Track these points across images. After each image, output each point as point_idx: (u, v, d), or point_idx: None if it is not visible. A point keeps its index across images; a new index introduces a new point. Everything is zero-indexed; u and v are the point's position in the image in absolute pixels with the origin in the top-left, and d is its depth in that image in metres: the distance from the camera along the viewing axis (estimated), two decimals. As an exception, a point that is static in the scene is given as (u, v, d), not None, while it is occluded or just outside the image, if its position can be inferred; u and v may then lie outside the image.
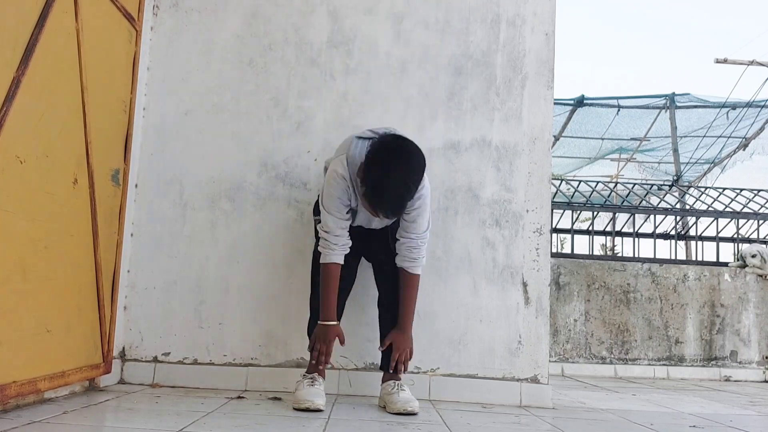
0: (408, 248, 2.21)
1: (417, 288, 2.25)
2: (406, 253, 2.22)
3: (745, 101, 8.74)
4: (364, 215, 2.20)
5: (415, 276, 2.23)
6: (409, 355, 2.24)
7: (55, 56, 1.87)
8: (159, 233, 2.57)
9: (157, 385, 2.45)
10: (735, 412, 2.82)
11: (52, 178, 1.89)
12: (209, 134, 2.62)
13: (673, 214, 5.81)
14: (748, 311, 4.91)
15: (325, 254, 2.18)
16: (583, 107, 9.19)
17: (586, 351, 4.70)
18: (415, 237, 2.20)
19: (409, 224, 2.19)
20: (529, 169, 2.63)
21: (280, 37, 2.67)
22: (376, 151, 2.02)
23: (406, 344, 2.24)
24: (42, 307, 1.86)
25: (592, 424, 2.23)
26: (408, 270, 2.23)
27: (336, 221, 2.16)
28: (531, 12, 2.70)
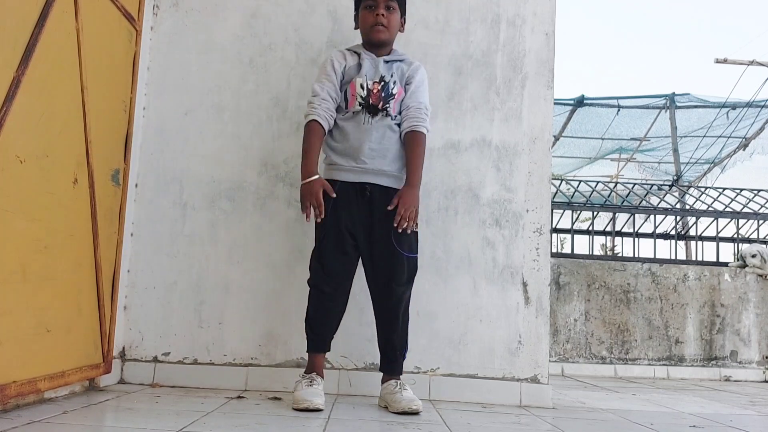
0: (417, 110, 2.28)
1: (423, 146, 2.29)
2: (415, 113, 2.28)
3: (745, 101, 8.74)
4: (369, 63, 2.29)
5: (421, 134, 2.28)
6: (414, 214, 2.23)
7: (55, 56, 1.87)
8: (159, 233, 2.57)
9: (157, 385, 2.45)
10: (735, 412, 2.82)
11: (52, 178, 1.89)
12: (209, 134, 2.62)
13: (673, 214, 5.81)
14: (748, 311, 4.91)
15: (309, 114, 2.26)
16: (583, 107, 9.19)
17: (586, 351, 4.70)
18: (421, 101, 2.30)
19: (413, 92, 2.30)
20: (529, 169, 2.63)
21: (280, 37, 2.67)
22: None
23: (413, 201, 2.23)
24: (42, 307, 1.86)
25: (592, 424, 2.23)
26: (416, 128, 2.27)
27: (322, 86, 2.28)
28: (531, 12, 2.70)
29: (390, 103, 2.27)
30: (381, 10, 2.28)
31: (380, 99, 2.26)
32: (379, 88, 2.26)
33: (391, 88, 2.27)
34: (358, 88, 2.26)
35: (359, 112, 2.26)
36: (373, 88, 2.26)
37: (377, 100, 2.26)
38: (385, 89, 2.27)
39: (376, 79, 2.28)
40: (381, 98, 2.26)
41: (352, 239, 2.25)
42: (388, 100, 2.26)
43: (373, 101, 2.25)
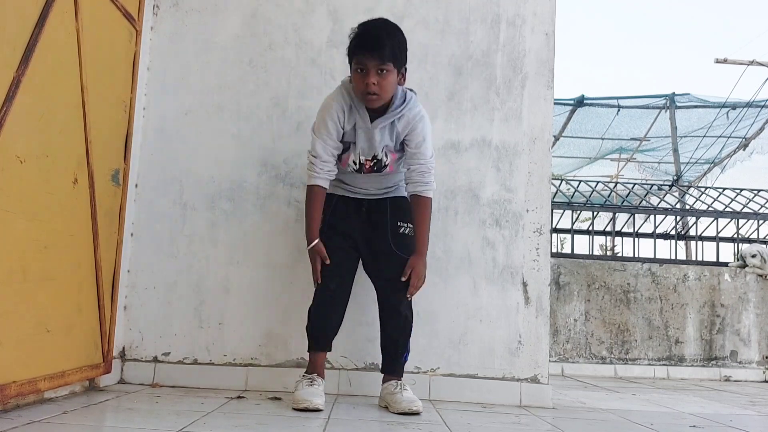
0: (419, 173, 2.25)
1: (430, 211, 2.30)
2: (418, 178, 2.26)
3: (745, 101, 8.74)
4: (363, 136, 2.23)
5: (428, 199, 2.28)
6: (423, 281, 2.29)
7: (55, 56, 1.87)
8: (159, 233, 2.57)
9: (157, 385, 2.45)
10: (735, 412, 2.82)
11: (52, 178, 1.89)
12: (209, 134, 2.62)
13: (673, 214, 5.81)
14: (748, 311, 4.91)
15: (311, 177, 2.26)
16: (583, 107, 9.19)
17: (586, 351, 4.70)
18: (423, 162, 2.25)
19: (415, 152, 2.24)
20: (529, 169, 2.63)
21: (280, 37, 2.67)
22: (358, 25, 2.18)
23: (424, 270, 2.28)
24: (42, 307, 1.86)
25: (592, 424, 2.23)
26: (421, 194, 2.26)
27: (324, 147, 2.23)
28: (531, 12, 2.70)
29: (383, 171, 2.30)
30: (372, 79, 2.09)
31: (372, 170, 2.29)
32: (372, 164, 2.28)
33: (383, 162, 2.28)
34: (351, 162, 2.28)
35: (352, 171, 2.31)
36: (365, 163, 2.28)
37: (369, 170, 2.29)
38: (377, 164, 2.28)
39: (368, 157, 2.27)
40: (373, 170, 2.29)
41: (352, 240, 2.28)
42: (381, 170, 2.30)
43: (365, 171, 2.30)
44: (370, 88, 2.10)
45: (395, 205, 2.33)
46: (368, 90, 2.10)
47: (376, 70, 2.09)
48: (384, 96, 2.15)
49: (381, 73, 2.10)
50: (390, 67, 2.11)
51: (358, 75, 2.12)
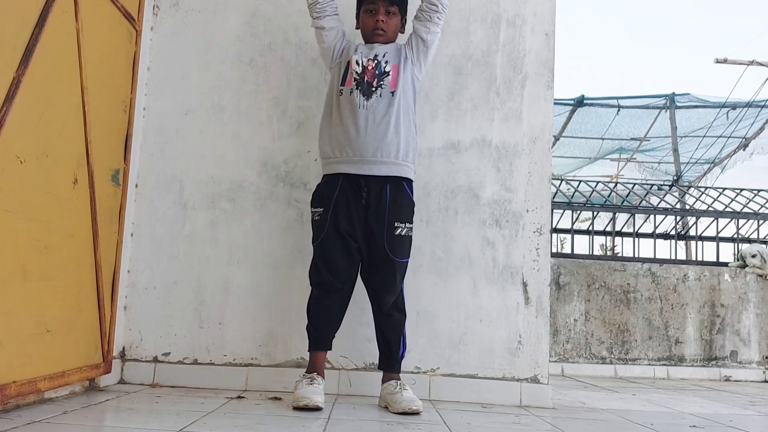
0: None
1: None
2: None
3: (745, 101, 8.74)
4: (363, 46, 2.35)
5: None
6: None
7: (55, 56, 1.87)
8: (159, 233, 2.57)
9: (157, 385, 2.45)
10: (735, 412, 2.82)
11: (52, 178, 1.89)
12: (209, 134, 2.62)
13: (673, 214, 5.81)
14: (748, 311, 4.91)
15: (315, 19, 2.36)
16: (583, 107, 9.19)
17: (586, 351, 4.70)
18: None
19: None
20: (529, 169, 2.63)
21: (280, 37, 2.67)
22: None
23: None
24: (42, 307, 1.86)
25: (592, 424, 2.23)
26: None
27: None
28: (531, 12, 2.70)
29: (384, 80, 2.28)
30: (381, 16, 2.34)
31: (374, 76, 2.29)
32: (373, 65, 2.30)
33: (383, 67, 2.30)
34: (354, 64, 2.30)
35: (354, 91, 2.27)
36: (368, 65, 2.30)
37: (371, 77, 2.28)
38: (378, 68, 2.29)
39: (370, 56, 2.32)
40: (375, 75, 2.29)
41: (354, 242, 2.26)
42: (382, 77, 2.28)
43: (367, 78, 2.28)
44: (379, 24, 2.34)
45: (395, 201, 2.26)
46: (377, 26, 2.34)
47: (385, 10, 2.35)
48: (389, 35, 2.38)
49: (388, 14, 2.36)
50: (396, 11, 2.38)
51: (368, 15, 2.37)
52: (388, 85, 2.27)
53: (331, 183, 2.27)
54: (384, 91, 2.26)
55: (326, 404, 2.17)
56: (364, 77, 2.27)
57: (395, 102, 2.26)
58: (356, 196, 2.25)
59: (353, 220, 2.25)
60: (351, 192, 2.25)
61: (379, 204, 2.25)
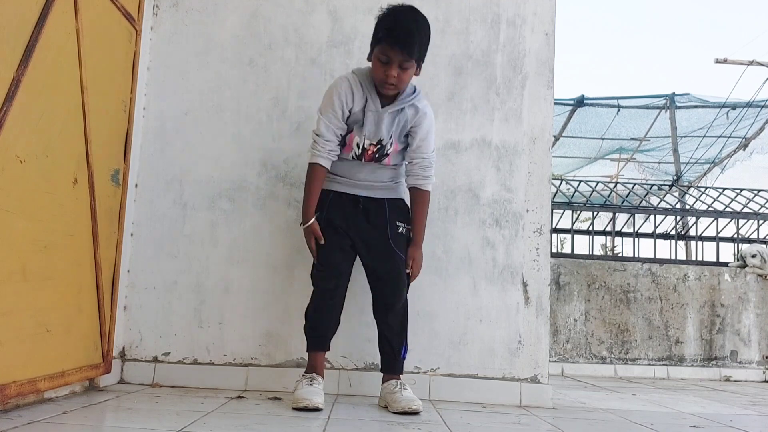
0: (421, 167, 2.30)
1: (428, 204, 2.36)
2: (419, 171, 2.30)
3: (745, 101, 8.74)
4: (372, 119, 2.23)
5: (427, 192, 2.33)
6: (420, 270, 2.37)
7: (55, 56, 1.87)
8: (159, 233, 2.57)
9: (157, 385, 2.45)
10: (735, 412, 2.82)
11: (52, 178, 1.89)
12: (209, 134, 2.62)
13: (673, 214, 5.81)
14: (748, 311, 4.91)
15: (313, 155, 2.25)
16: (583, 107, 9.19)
17: (586, 351, 4.70)
18: (426, 156, 2.30)
19: (419, 145, 2.28)
20: (529, 169, 2.63)
21: (280, 37, 2.67)
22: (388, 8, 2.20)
23: (421, 259, 2.36)
24: (42, 307, 1.86)
25: (592, 424, 2.23)
26: (421, 187, 2.31)
27: (328, 126, 2.23)
28: (531, 12, 2.70)
29: (382, 161, 2.30)
30: (393, 71, 2.13)
31: (373, 158, 2.29)
32: (375, 150, 2.28)
33: (386, 149, 2.28)
34: (354, 145, 2.28)
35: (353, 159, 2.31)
36: (369, 149, 2.27)
37: (370, 159, 2.29)
38: (380, 150, 2.28)
39: (374, 141, 2.26)
40: (374, 158, 2.29)
41: (348, 239, 2.27)
42: (381, 159, 2.30)
43: (365, 159, 2.29)
44: (389, 79, 2.15)
45: (393, 205, 2.32)
46: (388, 81, 2.16)
47: (399, 65, 2.14)
48: (401, 88, 2.23)
49: (402, 69, 2.15)
50: (412, 64, 2.17)
51: (380, 64, 2.16)
52: (384, 162, 2.31)
53: (324, 192, 2.31)
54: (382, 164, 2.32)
55: (326, 404, 2.17)
56: (362, 158, 2.29)
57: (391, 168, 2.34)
58: (353, 200, 2.30)
59: (348, 221, 2.28)
60: (345, 200, 2.30)
61: (378, 207, 2.30)
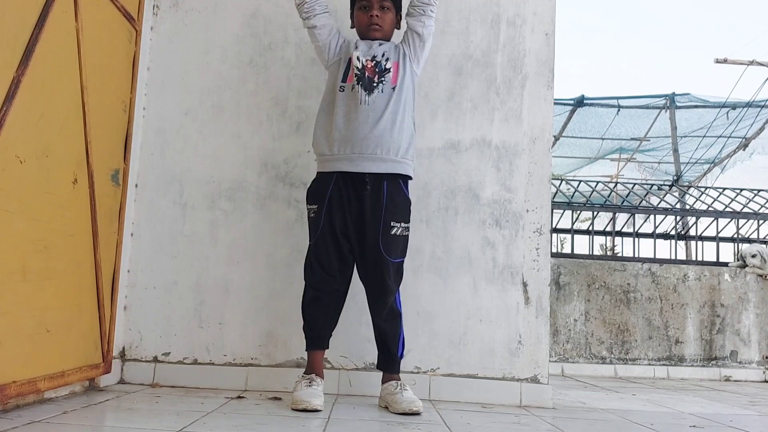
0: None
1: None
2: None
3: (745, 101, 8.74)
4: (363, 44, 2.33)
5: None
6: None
7: (55, 56, 1.87)
8: (159, 233, 2.57)
9: (157, 385, 2.45)
10: (735, 412, 2.82)
11: (52, 178, 1.89)
12: (209, 134, 2.62)
13: (673, 214, 5.81)
14: (748, 311, 4.91)
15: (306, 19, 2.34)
16: (583, 107, 9.19)
17: (586, 351, 4.70)
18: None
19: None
20: (529, 169, 2.63)
21: (280, 37, 2.67)
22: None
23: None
24: (42, 307, 1.86)
25: (592, 424, 2.23)
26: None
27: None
28: (531, 12, 2.70)
29: (386, 77, 2.28)
30: (375, 11, 2.32)
31: (375, 73, 2.28)
32: (372, 64, 2.29)
33: (383, 65, 2.29)
34: (355, 60, 2.29)
35: (356, 86, 2.26)
36: (367, 64, 2.29)
37: (372, 74, 2.28)
38: (378, 66, 2.29)
39: (368, 57, 2.31)
40: (375, 72, 2.28)
41: (347, 242, 2.25)
42: (383, 74, 2.28)
43: (368, 74, 2.28)
44: (373, 19, 2.32)
45: (392, 200, 2.24)
46: (372, 21, 2.32)
47: (379, 5, 2.33)
48: (385, 30, 2.37)
49: (383, 9, 2.34)
50: (389, 5, 2.36)
51: (362, 12, 2.35)
52: (389, 81, 2.27)
53: (326, 180, 2.25)
54: (386, 87, 2.26)
55: (326, 404, 2.17)
56: (365, 73, 2.27)
57: (396, 97, 2.26)
58: (351, 192, 2.23)
59: (347, 219, 2.23)
60: (345, 188, 2.23)
61: (376, 201, 2.22)
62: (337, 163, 2.23)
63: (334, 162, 2.24)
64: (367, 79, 2.26)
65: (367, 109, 2.23)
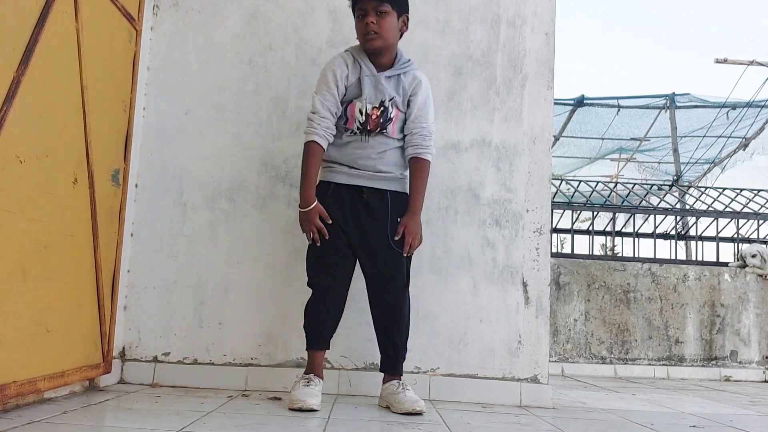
0: (421, 136, 2.28)
1: (427, 174, 2.30)
2: (419, 140, 2.28)
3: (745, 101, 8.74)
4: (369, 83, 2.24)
5: (426, 162, 2.29)
6: (418, 241, 2.28)
7: (55, 56, 1.87)
8: (159, 233, 2.57)
9: (157, 385, 2.45)
10: (735, 412, 2.82)
11: (52, 178, 1.89)
12: (209, 134, 2.62)
13: (673, 214, 5.81)
14: (748, 311, 4.91)
15: (308, 133, 2.23)
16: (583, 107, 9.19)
17: (586, 351, 4.70)
18: (425, 125, 2.28)
19: (417, 114, 2.28)
20: (529, 169, 2.63)
21: (280, 37, 2.67)
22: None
23: (417, 229, 2.28)
24: (42, 307, 1.86)
25: (592, 424, 2.23)
26: (421, 156, 2.29)
27: (323, 102, 2.23)
28: (531, 12, 2.70)
29: (387, 127, 2.27)
30: (370, 18, 2.19)
31: (378, 125, 2.26)
32: (378, 114, 2.25)
33: (389, 113, 2.26)
34: (357, 113, 2.25)
35: (357, 134, 2.27)
36: (372, 113, 2.25)
37: (375, 126, 2.26)
38: (384, 115, 2.26)
39: (375, 104, 2.25)
40: (379, 124, 2.26)
41: (346, 237, 2.25)
42: (385, 125, 2.27)
43: (370, 127, 2.26)
44: (369, 27, 2.18)
45: (396, 200, 2.28)
46: (367, 29, 2.19)
47: (375, 12, 2.19)
48: (384, 37, 2.21)
49: (380, 15, 2.19)
50: (388, 9, 2.20)
51: (359, 20, 2.23)
52: (389, 131, 2.28)
53: (323, 185, 2.29)
54: (387, 133, 2.28)
55: (326, 404, 2.17)
56: (366, 126, 2.26)
57: (394, 142, 2.30)
58: (352, 198, 2.26)
59: (348, 218, 2.25)
60: (346, 194, 2.26)
61: (381, 201, 2.26)
62: (336, 174, 2.28)
63: (333, 173, 2.29)
64: (368, 131, 2.27)
65: (367, 146, 2.27)
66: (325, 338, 2.28)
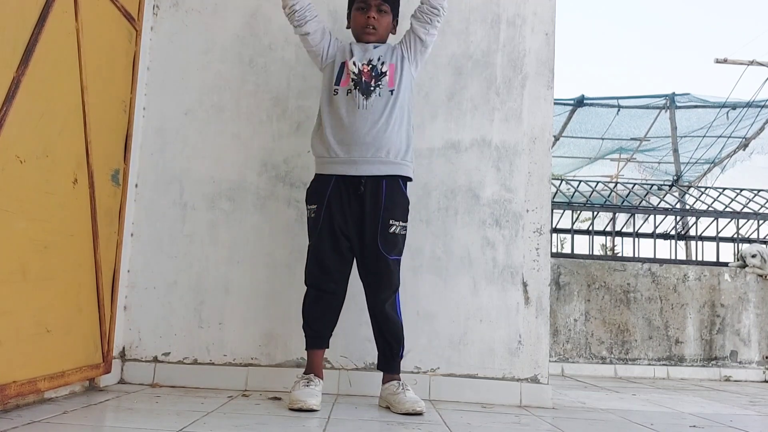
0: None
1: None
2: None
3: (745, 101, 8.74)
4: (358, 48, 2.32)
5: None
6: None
7: (55, 56, 1.87)
8: (159, 233, 2.57)
9: (157, 385, 2.45)
10: (735, 412, 2.82)
11: (52, 178, 1.89)
12: (209, 134, 2.62)
13: (673, 214, 5.81)
14: (748, 311, 4.91)
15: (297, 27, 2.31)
16: (583, 107, 9.19)
17: (586, 351, 4.70)
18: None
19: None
20: (529, 169, 2.63)
21: (280, 37, 2.67)
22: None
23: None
24: (42, 307, 1.86)
25: (592, 424, 2.23)
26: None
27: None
28: (531, 12, 2.70)
29: (382, 80, 2.27)
30: (372, 13, 2.31)
31: (371, 77, 2.27)
32: (368, 69, 2.28)
33: (379, 69, 2.28)
34: (351, 65, 2.28)
35: (352, 91, 2.26)
36: (362, 68, 2.28)
37: (369, 78, 2.27)
38: (374, 70, 2.28)
39: (364, 61, 2.30)
40: (372, 76, 2.27)
41: (347, 240, 2.26)
42: (379, 78, 2.27)
43: (365, 78, 2.27)
44: (370, 21, 2.31)
45: (391, 198, 2.24)
46: (368, 23, 2.31)
47: (376, 8, 2.32)
48: (380, 33, 2.35)
49: (380, 12, 2.33)
50: (387, 9, 2.35)
51: (359, 13, 2.34)
52: (386, 84, 2.27)
53: (324, 181, 2.26)
54: (383, 90, 2.26)
55: (326, 404, 2.17)
56: (361, 78, 2.26)
57: (394, 100, 2.27)
58: (350, 192, 2.24)
59: (347, 218, 2.24)
60: (345, 189, 2.25)
61: (375, 200, 2.23)
62: (336, 166, 2.25)
63: (333, 165, 2.26)
64: (364, 84, 2.26)
65: (365, 113, 2.23)
66: (324, 337, 2.29)
